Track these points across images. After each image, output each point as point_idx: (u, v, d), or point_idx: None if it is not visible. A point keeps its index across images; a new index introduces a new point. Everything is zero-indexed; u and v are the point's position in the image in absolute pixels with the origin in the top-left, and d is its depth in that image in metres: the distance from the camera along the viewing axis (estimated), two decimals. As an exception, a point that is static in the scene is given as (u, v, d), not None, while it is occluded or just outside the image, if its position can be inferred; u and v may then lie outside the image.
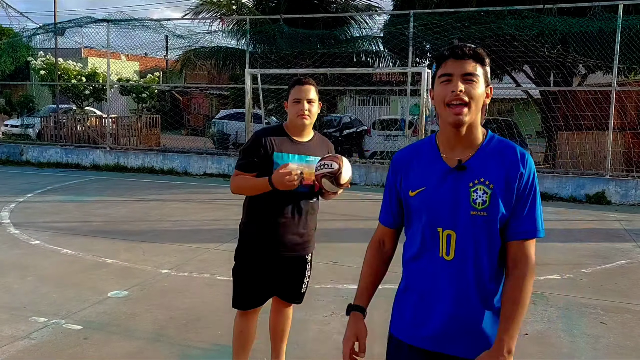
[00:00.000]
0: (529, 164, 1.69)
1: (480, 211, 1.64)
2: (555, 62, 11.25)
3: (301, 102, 2.77)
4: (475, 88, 1.64)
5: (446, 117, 1.66)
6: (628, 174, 10.22)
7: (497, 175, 1.66)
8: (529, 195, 1.68)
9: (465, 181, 1.67)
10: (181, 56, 17.37)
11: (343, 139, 15.35)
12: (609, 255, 6.23)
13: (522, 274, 1.67)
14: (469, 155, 1.70)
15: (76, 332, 3.89)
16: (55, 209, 8.36)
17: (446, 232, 1.67)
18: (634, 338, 3.97)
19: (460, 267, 1.66)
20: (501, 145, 1.72)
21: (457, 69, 1.64)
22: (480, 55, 1.67)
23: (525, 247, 1.68)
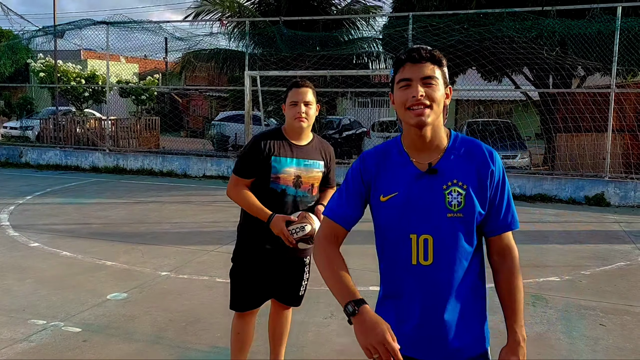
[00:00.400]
0: (497, 160, 1.71)
1: (456, 212, 1.65)
2: (554, 64, 11.27)
3: (298, 105, 2.76)
4: (436, 91, 1.64)
5: (408, 120, 1.65)
6: (627, 176, 10.22)
7: (469, 175, 1.67)
8: (502, 190, 1.71)
9: (439, 184, 1.67)
10: (181, 59, 17.40)
11: (342, 140, 15.37)
12: (608, 257, 6.23)
13: (513, 264, 1.73)
14: (437, 158, 1.70)
15: (75, 334, 3.89)
16: (55, 211, 8.36)
17: (422, 237, 1.66)
18: (634, 340, 3.97)
19: (440, 271, 1.66)
20: (468, 145, 1.73)
21: (415, 73, 1.63)
22: (437, 57, 1.67)
23: (509, 239, 1.75)
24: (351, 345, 3.80)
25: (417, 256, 1.67)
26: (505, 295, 1.72)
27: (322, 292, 4.82)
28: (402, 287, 1.71)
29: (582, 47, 10.49)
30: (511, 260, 1.74)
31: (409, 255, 1.68)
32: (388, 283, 1.77)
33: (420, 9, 12.15)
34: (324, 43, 14.21)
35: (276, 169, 2.75)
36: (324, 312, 4.38)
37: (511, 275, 1.72)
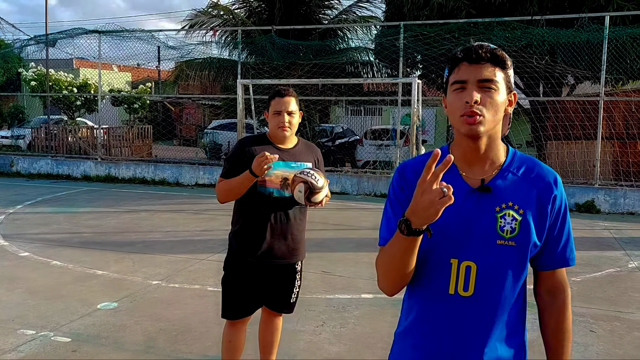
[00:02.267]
0: (560, 186, 1.50)
1: (508, 240, 1.43)
2: (544, 73, 11.37)
3: (281, 114, 2.79)
4: (494, 96, 1.41)
5: (459, 127, 1.43)
6: (617, 183, 10.31)
7: (528, 199, 1.45)
8: (564, 220, 1.50)
9: (491, 205, 1.44)
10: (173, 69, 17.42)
11: (335, 148, 15.40)
12: (598, 263, 6.27)
13: (563, 303, 1.55)
14: (492, 175, 1.47)
15: (65, 344, 3.86)
16: (45, 220, 8.31)
17: (465, 264, 1.44)
18: (623, 346, 3.99)
19: (481, 304, 1.44)
20: (529, 164, 1.51)
21: (472, 75, 1.41)
22: (499, 57, 1.43)
23: (562, 275, 1.56)
24: (343, 354, 3.80)
25: (455, 285, 1.45)
26: (552, 338, 1.54)
27: (314, 300, 4.82)
28: (432, 320, 1.48)
29: (571, 56, 10.61)
30: (563, 299, 1.54)
31: (447, 283, 1.45)
32: (415, 315, 1.52)
33: (412, 19, 12.24)
34: (316, 52, 14.27)
35: None
36: (316, 320, 4.38)
37: (562, 317, 1.54)
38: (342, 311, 4.60)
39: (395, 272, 1.44)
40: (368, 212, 9.63)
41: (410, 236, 1.32)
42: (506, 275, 1.44)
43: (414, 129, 10.16)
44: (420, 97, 10.35)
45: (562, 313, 1.54)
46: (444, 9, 11.78)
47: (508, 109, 1.48)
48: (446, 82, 1.49)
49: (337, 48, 15.07)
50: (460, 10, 11.60)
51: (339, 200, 10.59)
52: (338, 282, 5.41)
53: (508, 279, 1.45)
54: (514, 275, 1.45)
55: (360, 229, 8.17)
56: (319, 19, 17.27)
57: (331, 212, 9.07)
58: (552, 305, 1.54)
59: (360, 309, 4.63)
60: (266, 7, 17.02)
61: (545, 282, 1.54)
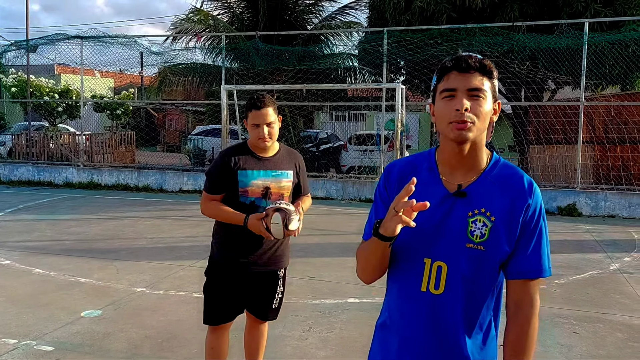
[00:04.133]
0: (535, 195, 1.52)
1: (477, 244, 1.48)
2: (525, 78, 11.53)
3: (260, 127, 2.76)
4: (482, 104, 1.46)
5: (448, 133, 1.47)
6: (597, 186, 10.47)
7: (501, 206, 1.49)
8: (534, 229, 1.51)
9: (464, 210, 1.50)
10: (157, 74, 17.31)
11: (320, 154, 15.42)
12: (580, 266, 6.36)
13: (526, 319, 1.52)
14: (470, 180, 1.52)
15: (48, 353, 3.80)
16: (27, 228, 8.19)
17: (437, 264, 1.50)
18: (606, 347, 4.04)
19: (449, 302, 1.50)
20: (507, 172, 1.54)
21: (461, 83, 1.45)
22: (487, 67, 1.48)
23: (530, 288, 1.52)
24: (330, 358, 3.80)
25: (427, 283, 1.51)
26: (509, 350, 1.53)
27: (300, 305, 4.82)
28: (406, 315, 1.55)
29: (552, 62, 10.78)
30: (526, 315, 1.51)
31: (420, 280, 1.52)
32: (391, 309, 1.61)
33: (394, 23, 12.34)
34: (300, 57, 14.31)
35: (244, 183, 2.77)
36: (302, 325, 4.37)
37: (521, 332, 1.51)
38: (328, 316, 4.60)
39: (370, 265, 1.57)
40: (353, 217, 9.65)
41: (377, 238, 1.44)
42: (474, 278, 1.49)
43: (398, 134, 10.23)
44: (404, 103, 10.42)
45: (522, 328, 1.51)
46: (425, 13, 11.89)
47: (493, 117, 1.52)
48: (434, 90, 1.53)
49: (321, 54, 15.12)
50: (442, 14, 11.72)
51: (324, 205, 10.60)
52: (324, 287, 5.41)
53: (476, 281, 1.50)
54: (483, 279, 1.50)
55: (346, 234, 8.18)
56: (304, 24, 17.32)
57: (316, 217, 9.07)
58: (515, 318, 1.53)
59: (347, 314, 4.63)
60: (250, 13, 17.03)
61: (513, 292, 1.54)
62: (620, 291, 5.41)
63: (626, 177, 10.58)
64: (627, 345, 4.07)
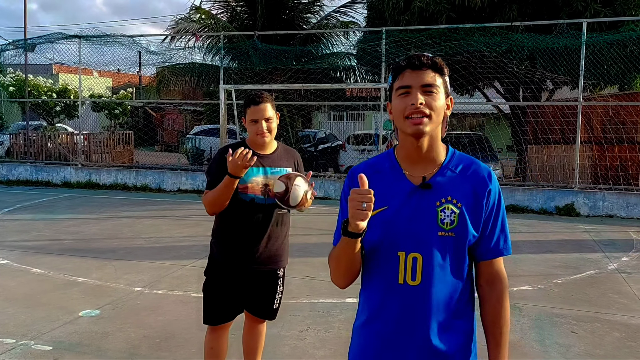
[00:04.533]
0: (494, 181, 1.63)
1: (448, 232, 1.56)
2: (523, 78, 11.54)
3: (259, 122, 2.78)
4: (436, 99, 1.55)
5: (405, 129, 1.56)
6: (595, 186, 10.48)
7: (465, 193, 1.58)
8: (498, 212, 1.63)
9: (432, 200, 1.57)
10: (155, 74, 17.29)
11: (318, 154, 15.43)
12: (578, 265, 6.37)
13: (501, 293, 1.65)
14: (432, 172, 1.60)
15: (46, 352, 3.80)
16: (25, 228, 8.18)
17: (411, 255, 1.56)
18: (604, 346, 4.05)
19: (428, 291, 1.56)
20: (465, 162, 1.64)
21: (415, 80, 1.54)
22: (438, 64, 1.58)
23: (499, 265, 1.66)
24: (329, 358, 3.80)
25: (404, 275, 1.57)
26: (490, 325, 1.64)
27: (298, 305, 4.82)
28: (387, 309, 1.60)
29: (550, 62, 10.79)
30: (500, 289, 1.65)
31: (396, 274, 1.57)
32: (371, 306, 1.65)
33: (393, 23, 12.33)
34: (299, 57, 14.30)
35: (243, 179, 2.77)
36: (301, 325, 4.37)
37: (498, 305, 1.63)
38: (326, 315, 4.60)
39: (342, 268, 1.62)
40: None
41: (346, 236, 1.49)
42: (448, 264, 1.57)
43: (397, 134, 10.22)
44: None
45: (498, 302, 1.64)
46: (424, 13, 11.88)
47: (446, 112, 1.62)
48: (390, 88, 1.62)
49: (319, 53, 15.12)
50: (441, 14, 11.72)
51: (323, 205, 10.60)
52: (322, 286, 5.41)
53: (451, 267, 1.58)
54: (456, 264, 1.59)
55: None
56: (302, 24, 17.31)
57: (315, 217, 9.07)
58: (490, 295, 1.65)
59: (345, 313, 4.63)
60: (248, 13, 17.01)
61: (484, 272, 1.66)
62: (618, 291, 5.42)
63: (624, 177, 10.59)
64: (625, 345, 4.08)
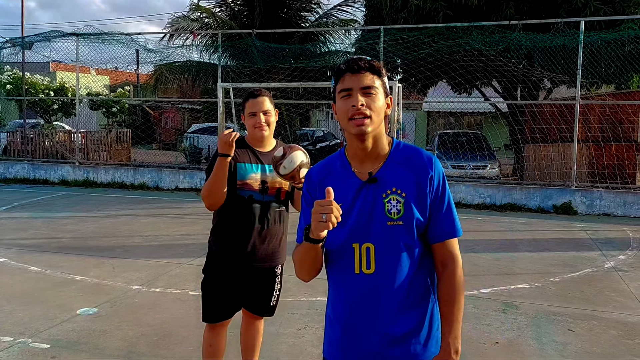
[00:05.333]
0: (436, 166, 1.70)
1: (396, 220, 1.65)
2: (521, 77, 11.55)
3: (257, 115, 2.80)
4: (375, 100, 1.65)
5: (350, 130, 1.66)
6: (593, 185, 10.50)
7: (408, 183, 1.68)
8: (442, 196, 1.70)
9: (379, 193, 1.67)
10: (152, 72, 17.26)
11: (316, 152, 15.44)
12: (575, 264, 6.38)
13: (453, 272, 1.71)
14: (378, 167, 1.70)
15: (43, 351, 3.80)
16: (22, 226, 8.17)
17: (365, 246, 1.66)
18: (601, 344, 4.06)
19: (383, 278, 1.65)
20: (408, 152, 1.73)
21: (355, 83, 1.64)
22: (376, 67, 1.68)
23: (451, 246, 1.72)
24: (325, 356, 3.81)
25: (359, 265, 1.67)
26: (443, 305, 1.71)
27: (296, 303, 4.82)
28: (347, 298, 1.70)
29: (547, 60, 10.81)
30: (452, 269, 1.71)
31: (352, 264, 1.68)
32: (334, 296, 1.76)
33: (390, 21, 12.33)
34: (297, 55, 14.29)
35: (242, 176, 2.78)
36: (298, 323, 4.38)
37: (450, 285, 1.70)
38: (324, 314, 4.59)
39: (305, 266, 1.72)
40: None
41: (307, 242, 1.62)
42: (401, 251, 1.66)
43: (395, 132, 10.23)
44: (400, 101, 10.42)
45: (450, 282, 1.70)
46: (421, 11, 11.89)
47: (387, 110, 1.71)
48: (334, 91, 1.71)
49: (318, 52, 15.11)
50: (438, 12, 11.72)
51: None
52: (320, 285, 5.38)
53: (403, 254, 1.66)
54: (408, 250, 1.67)
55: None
56: (300, 22, 17.30)
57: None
58: (442, 275, 1.72)
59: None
60: (246, 11, 17.00)
61: (437, 254, 1.73)
62: (615, 289, 5.44)
63: (621, 175, 10.62)
64: (622, 343, 4.10)
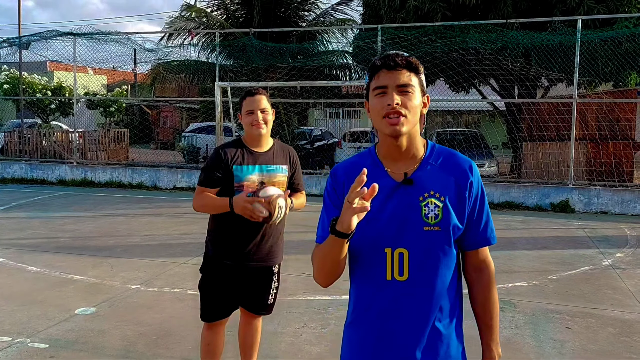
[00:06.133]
0: (475, 172, 1.64)
1: (433, 226, 1.56)
2: (519, 75, 11.56)
3: (254, 113, 2.80)
4: (412, 99, 1.56)
5: (383, 129, 1.58)
6: (590, 183, 10.53)
7: (447, 187, 1.60)
8: (482, 203, 1.65)
9: (415, 195, 1.58)
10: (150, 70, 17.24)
11: (314, 151, 15.43)
12: (573, 262, 6.40)
13: (489, 280, 1.70)
14: (413, 168, 1.62)
15: (42, 350, 3.80)
16: (20, 226, 8.16)
17: (398, 251, 1.57)
18: (599, 342, 4.08)
19: (416, 286, 1.57)
20: (446, 155, 1.66)
21: (391, 80, 1.56)
22: (413, 64, 1.59)
23: (486, 254, 1.71)
24: (324, 354, 3.81)
25: (391, 271, 1.57)
26: (481, 310, 1.69)
27: (295, 301, 4.83)
28: (376, 305, 1.60)
29: (545, 59, 10.82)
30: (488, 275, 1.70)
31: (384, 270, 1.58)
32: (361, 303, 1.65)
33: (388, 21, 12.33)
34: (294, 54, 14.29)
35: (239, 177, 2.79)
36: (297, 322, 4.38)
37: (487, 290, 1.69)
38: (323, 312, 4.61)
39: (326, 268, 1.61)
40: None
41: (334, 235, 1.47)
42: (436, 258, 1.58)
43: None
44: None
45: (487, 287, 1.69)
46: (420, 12, 11.90)
47: (423, 110, 1.63)
48: (367, 87, 1.63)
49: (315, 51, 15.11)
50: (436, 13, 11.73)
51: (319, 202, 10.59)
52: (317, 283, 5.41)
53: (439, 261, 1.58)
54: (444, 258, 1.59)
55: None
56: (298, 21, 17.29)
57: (311, 214, 9.07)
58: (479, 281, 1.70)
59: (341, 310, 4.64)
60: (244, 10, 16.98)
61: (472, 260, 1.69)
62: (613, 287, 5.45)
63: (618, 173, 10.65)
64: (619, 340, 4.11)
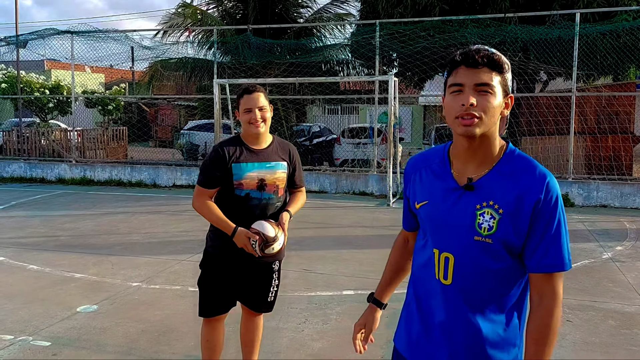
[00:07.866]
0: (551, 190, 1.47)
1: (485, 237, 1.47)
2: (517, 69, 11.55)
3: (253, 111, 2.78)
4: (490, 100, 1.44)
5: (455, 128, 1.48)
6: (589, 177, 10.54)
7: (510, 199, 1.46)
8: (550, 223, 1.47)
9: (472, 202, 1.49)
10: (148, 68, 17.21)
11: (313, 147, 15.42)
12: (573, 255, 6.36)
13: (548, 310, 1.49)
14: (481, 173, 1.52)
15: (44, 348, 3.80)
16: (20, 225, 8.15)
17: (444, 255, 1.53)
18: (599, 334, 4.09)
19: (460, 294, 1.51)
20: (519, 164, 1.52)
21: (469, 79, 1.44)
22: (497, 62, 1.45)
23: (552, 281, 1.49)
24: (326, 350, 3.82)
25: (438, 272, 1.55)
26: (531, 344, 1.50)
27: (296, 297, 4.84)
28: (425, 299, 1.61)
29: (543, 53, 10.81)
30: (549, 306, 1.49)
31: (433, 269, 1.56)
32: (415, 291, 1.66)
33: (386, 16, 12.32)
34: (292, 51, 14.26)
35: (238, 175, 2.77)
36: (299, 317, 4.39)
37: (542, 326, 1.49)
38: (324, 308, 4.62)
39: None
40: (347, 210, 9.68)
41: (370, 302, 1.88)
42: (483, 271, 1.49)
43: (391, 127, 10.24)
44: (397, 95, 10.43)
45: (543, 319, 1.49)
46: (417, 6, 11.88)
47: (504, 111, 1.51)
48: (445, 83, 1.52)
49: (313, 47, 15.08)
50: (434, 7, 11.72)
51: (318, 199, 10.62)
52: (319, 279, 5.43)
53: (487, 274, 1.49)
54: (495, 271, 1.49)
55: (340, 227, 8.20)
56: (295, 17, 17.25)
57: (311, 210, 9.09)
58: (537, 309, 1.51)
59: (342, 306, 4.66)
60: (240, 7, 16.94)
61: (535, 285, 1.51)
62: (613, 279, 5.47)
63: (618, 167, 10.66)
64: (620, 333, 4.13)
